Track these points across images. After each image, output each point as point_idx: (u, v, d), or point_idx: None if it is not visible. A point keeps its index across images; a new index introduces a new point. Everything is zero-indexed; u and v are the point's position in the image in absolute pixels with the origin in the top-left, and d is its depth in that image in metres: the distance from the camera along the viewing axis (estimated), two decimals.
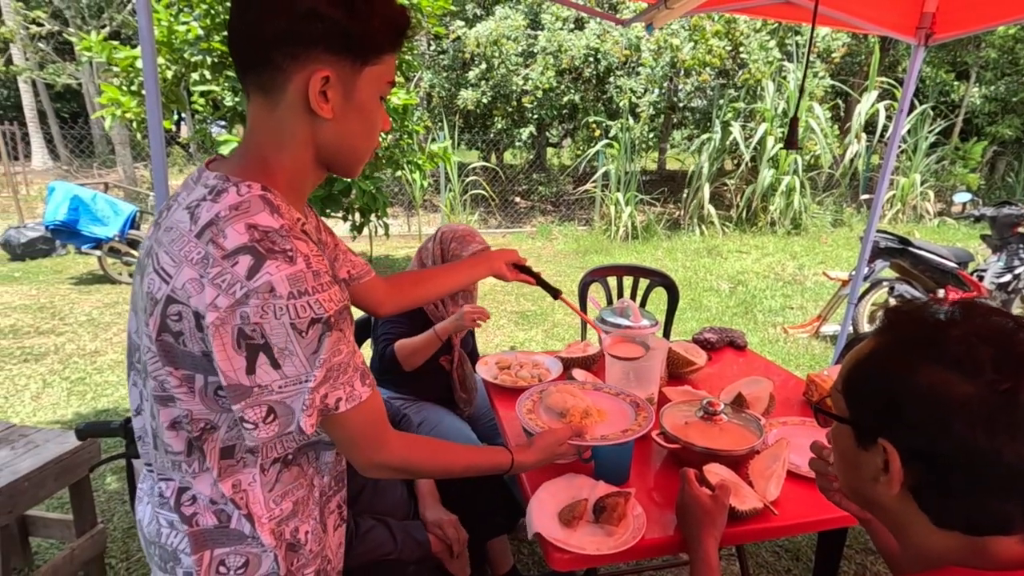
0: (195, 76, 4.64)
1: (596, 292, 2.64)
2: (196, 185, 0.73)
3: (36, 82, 12.05)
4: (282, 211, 0.71)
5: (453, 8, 7.02)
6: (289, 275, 0.66)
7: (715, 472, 1.15)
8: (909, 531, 0.63)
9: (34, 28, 10.99)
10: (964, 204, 5.99)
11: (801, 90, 1.75)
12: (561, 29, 8.43)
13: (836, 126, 8.46)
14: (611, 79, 8.55)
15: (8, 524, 1.65)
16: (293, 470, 0.82)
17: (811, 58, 8.22)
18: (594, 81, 8.65)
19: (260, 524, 0.78)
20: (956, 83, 10.14)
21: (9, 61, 11.75)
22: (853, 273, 3.07)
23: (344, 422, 0.75)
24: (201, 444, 0.75)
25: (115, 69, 4.83)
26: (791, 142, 1.58)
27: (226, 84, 4.65)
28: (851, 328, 3.44)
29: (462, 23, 8.86)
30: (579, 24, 8.71)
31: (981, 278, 3.99)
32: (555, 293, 1.31)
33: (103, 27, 11.00)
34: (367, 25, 0.72)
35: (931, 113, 8.69)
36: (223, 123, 5.38)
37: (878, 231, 3.93)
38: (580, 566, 1.04)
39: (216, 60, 4.59)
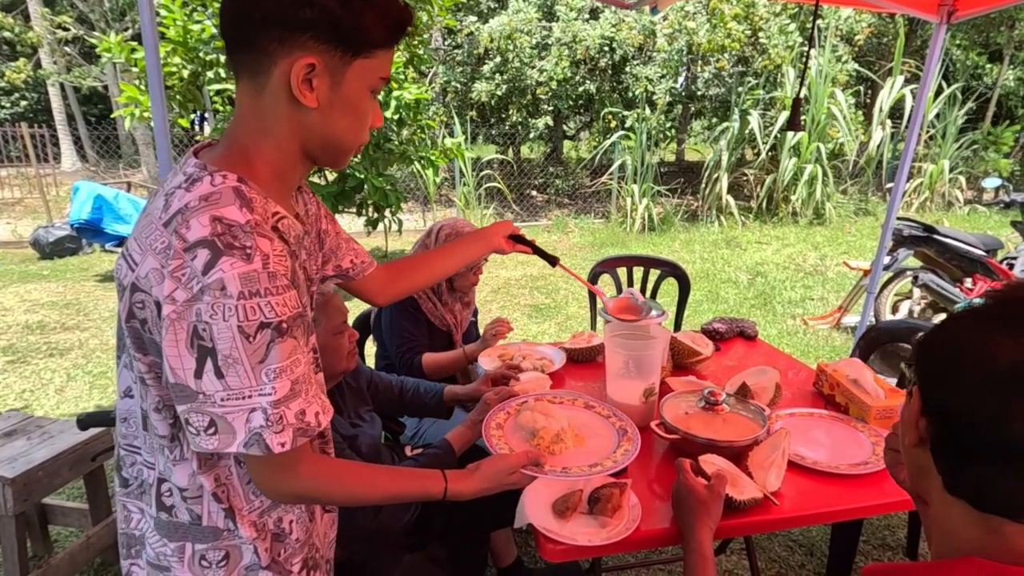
0: (210, 75, 4.70)
1: (606, 285, 2.61)
2: (179, 172, 0.73)
3: (64, 85, 12.37)
4: (254, 205, 0.69)
5: (465, 1, 6.98)
6: (242, 273, 0.64)
7: (711, 462, 1.12)
8: (928, 493, 0.62)
9: (60, 32, 11.28)
10: (995, 190, 5.78)
11: (804, 66, 1.67)
12: (576, 19, 8.34)
13: (861, 113, 8.21)
14: (627, 68, 8.43)
15: (25, 511, 1.69)
16: None
17: (834, 42, 7.98)
18: (610, 71, 8.55)
19: (240, 516, 0.78)
20: (988, 65, 9.74)
21: (38, 65, 12.08)
22: (874, 263, 2.98)
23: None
24: (177, 432, 0.74)
25: (135, 70, 4.92)
26: (794, 123, 1.52)
27: None
28: (872, 318, 3.34)
29: (475, 19, 8.83)
30: (593, 14, 8.61)
31: (1011, 266, 3.83)
32: (552, 261, 1.25)
33: (125, 30, 11.24)
34: (360, 18, 0.70)
35: (960, 96, 8.36)
36: None
37: (901, 218, 3.81)
38: (572, 557, 1.03)
39: None
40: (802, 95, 7.57)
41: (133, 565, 0.82)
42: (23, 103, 14.82)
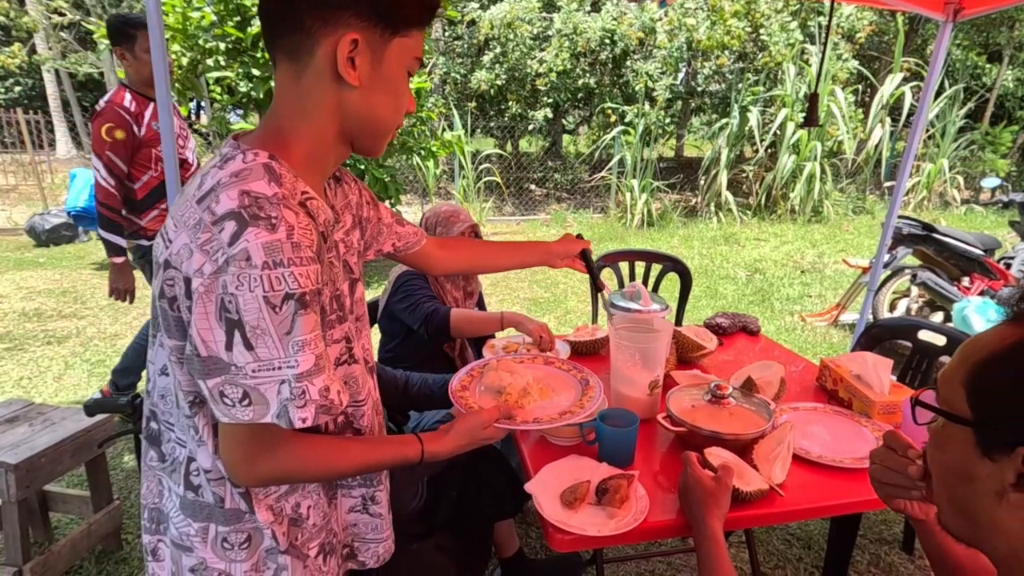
0: (209, 62, 4.66)
1: (608, 279, 2.61)
2: (216, 154, 0.75)
3: (59, 71, 12.23)
4: (283, 180, 0.70)
5: None
6: (265, 243, 0.64)
7: (717, 454, 1.13)
8: (999, 535, 0.54)
9: (56, 18, 11.14)
10: (993, 190, 5.81)
11: (821, 64, 1.67)
12: (577, 11, 8.31)
13: (861, 111, 8.23)
14: (627, 63, 8.41)
15: (27, 498, 1.69)
16: None
17: (835, 39, 7.98)
18: (610, 65, 8.53)
19: (257, 501, 0.78)
20: (987, 65, 9.76)
21: (33, 51, 11.94)
22: (873, 260, 2.99)
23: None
24: (194, 416, 0.74)
25: None
26: (811, 119, 1.51)
27: (240, 70, 4.66)
28: (870, 316, 3.36)
29: (476, 5, 8.78)
30: (595, 6, 8.58)
31: (1008, 266, 3.86)
32: (598, 287, 1.36)
33: None
34: None
35: (961, 96, 8.38)
36: (239, 110, 5.41)
37: (901, 217, 3.82)
38: (581, 547, 1.03)
39: (230, 46, 4.60)
40: (804, 94, 7.63)
41: (160, 542, 0.82)
42: (17, 89, 14.66)
